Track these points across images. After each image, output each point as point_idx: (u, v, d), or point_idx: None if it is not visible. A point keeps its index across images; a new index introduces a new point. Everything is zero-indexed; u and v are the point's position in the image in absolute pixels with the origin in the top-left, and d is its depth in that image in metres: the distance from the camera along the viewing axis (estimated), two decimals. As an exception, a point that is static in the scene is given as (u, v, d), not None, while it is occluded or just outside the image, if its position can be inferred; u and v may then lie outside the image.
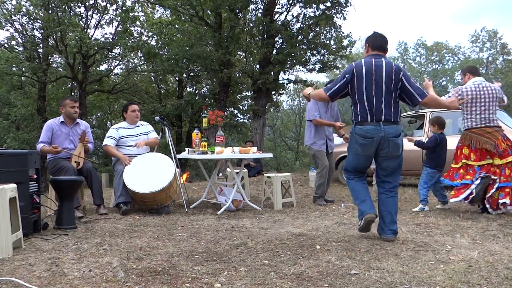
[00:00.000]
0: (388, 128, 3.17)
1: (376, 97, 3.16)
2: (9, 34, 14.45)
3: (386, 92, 3.16)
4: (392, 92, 3.19)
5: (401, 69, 3.26)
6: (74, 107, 4.77)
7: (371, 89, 3.17)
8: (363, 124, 3.21)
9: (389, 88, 3.17)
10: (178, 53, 13.27)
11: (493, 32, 29.90)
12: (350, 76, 3.22)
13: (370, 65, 3.19)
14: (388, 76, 3.16)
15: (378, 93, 3.16)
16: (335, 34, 13.35)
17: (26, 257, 2.82)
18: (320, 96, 3.51)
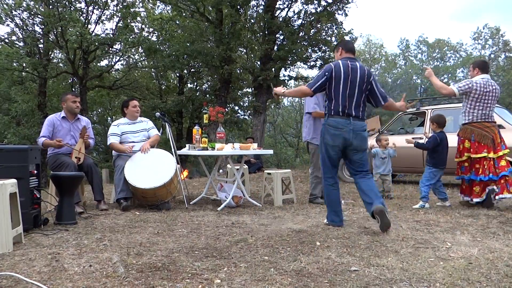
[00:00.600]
0: (357, 123, 3.61)
1: (350, 95, 3.58)
2: (9, 29, 14.50)
3: (358, 92, 3.60)
4: (363, 92, 3.64)
5: (371, 73, 3.71)
6: (76, 102, 4.77)
7: (346, 88, 3.57)
8: (335, 117, 3.60)
9: (361, 89, 3.61)
10: (179, 49, 13.26)
11: (495, 29, 29.83)
12: (330, 74, 3.59)
13: (347, 67, 3.59)
14: (362, 78, 3.60)
15: (352, 92, 3.58)
16: (337, 30, 13.33)
17: (27, 252, 2.82)
18: (303, 92, 3.79)
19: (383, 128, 7.77)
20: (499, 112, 6.34)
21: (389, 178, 5.69)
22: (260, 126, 13.08)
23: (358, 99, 3.61)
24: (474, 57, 29.92)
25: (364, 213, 4.44)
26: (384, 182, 5.67)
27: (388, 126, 7.90)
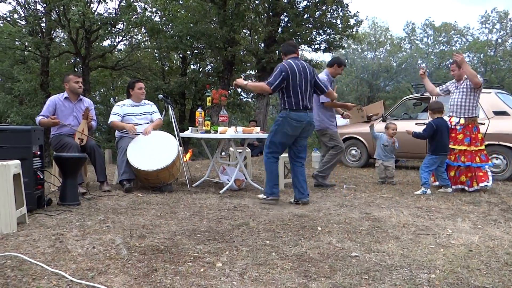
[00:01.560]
0: (311, 114, 4.11)
1: (305, 90, 4.05)
2: (11, 8, 14.31)
3: (310, 87, 4.09)
4: (312, 87, 4.15)
5: (314, 69, 4.24)
6: (78, 82, 4.75)
7: (301, 84, 4.02)
8: (297, 111, 4.00)
9: (311, 83, 4.11)
10: (182, 29, 13.13)
11: (503, 13, 29.31)
12: (286, 74, 3.98)
13: (298, 66, 4.05)
14: (310, 74, 4.10)
15: (305, 88, 4.05)
16: (342, 13, 13.13)
17: (30, 232, 2.85)
18: (263, 89, 4.14)
19: (386, 113, 7.73)
20: (504, 98, 6.30)
21: (392, 165, 5.67)
22: (263, 109, 13.03)
23: (310, 93, 4.12)
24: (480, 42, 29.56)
25: (366, 199, 4.46)
26: (386, 169, 5.64)
27: (392, 111, 7.86)
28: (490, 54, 29.33)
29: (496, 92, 6.32)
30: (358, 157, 7.78)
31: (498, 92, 6.41)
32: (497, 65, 28.25)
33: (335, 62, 5.28)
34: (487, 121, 6.07)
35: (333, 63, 5.28)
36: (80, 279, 2.04)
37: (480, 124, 6.06)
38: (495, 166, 5.97)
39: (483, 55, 29.40)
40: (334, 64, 5.26)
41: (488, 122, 6.06)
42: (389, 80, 30.27)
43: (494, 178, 5.86)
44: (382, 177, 5.68)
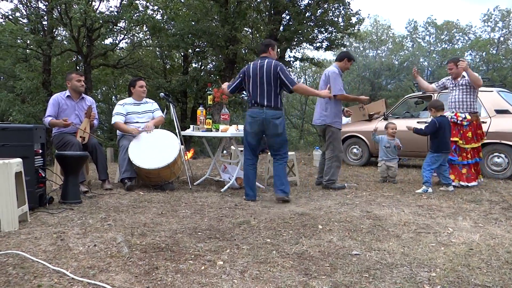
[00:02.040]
0: (268, 111, 4.12)
1: (259, 88, 4.16)
2: (13, 6, 14.31)
3: (267, 85, 4.14)
4: (271, 84, 4.14)
5: (278, 65, 4.18)
6: (81, 81, 4.76)
7: (256, 83, 4.17)
8: (252, 108, 4.20)
9: (270, 81, 4.13)
10: (183, 28, 13.12)
11: (506, 12, 29.21)
12: (242, 75, 4.29)
13: (256, 66, 4.21)
14: (268, 72, 4.13)
15: (258, 85, 4.16)
16: (344, 11, 13.11)
17: (32, 230, 2.87)
18: (224, 92, 4.53)
19: (388, 112, 7.72)
20: (506, 96, 6.28)
21: (395, 165, 5.66)
22: (265, 107, 13.02)
23: (268, 91, 4.13)
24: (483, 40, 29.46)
25: (367, 197, 4.46)
26: (389, 168, 5.64)
27: (394, 109, 7.85)
28: (492, 52, 29.23)
29: (498, 91, 6.31)
30: (359, 155, 7.78)
31: (500, 90, 6.39)
32: (499, 64, 28.17)
33: (345, 56, 5.18)
34: (488, 120, 6.06)
35: (343, 57, 5.17)
36: (82, 277, 2.05)
37: (482, 122, 6.07)
38: (496, 165, 5.97)
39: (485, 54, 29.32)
40: (344, 58, 5.15)
41: (490, 120, 6.05)
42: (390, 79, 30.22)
43: (496, 177, 5.88)
44: (384, 176, 5.68)
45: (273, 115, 4.13)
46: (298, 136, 28.04)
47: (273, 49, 4.38)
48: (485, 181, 5.56)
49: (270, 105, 4.14)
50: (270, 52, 4.32)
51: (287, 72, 4.18)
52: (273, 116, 4.13)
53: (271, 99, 4.14)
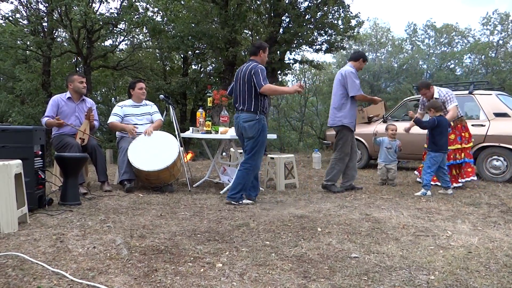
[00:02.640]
0: (241, 115, 4.17)
1: (238, 92, 4.24)
2: (13, 7, 14.31)
3: (242, 88, 4.18)
4: (246, 87, 4.15)
5: (253, 67, 4.14)
6: (83, 82, 4.78)
7: (237, 86, 4.26)
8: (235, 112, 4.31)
9: (245, 84, 4.16)
10: (183, 30, 13.13)
11: (505, 15, 29.24)
12: (234, 79, 4.38)
13: (240, 69, 4.29)
14: (244, 75, 4.18)
15: (238, 89, 4.23)
16: (343, 14, 13.12)
17: (32, 232, 2.87)
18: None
19: (387, 114, 7.73)
20: (505, 100, 6.29)
21: (394, 167, 5.67)
22: (264, 109, 13.02)
23: (243, 94, 4.18)
24: (482, 43, 29.50)
25: (366, 200, 4.46)
26: (388, 171, 5.65)
27: (393, 112, 7.86)
28: (491, 55, 29.26)
29: (497, 94, 6.33)
30: (358, 158, 7.78)
31: (499, 93, 6.41)
32: (498, 67, 28.20)
33: (361, 56, 5.13)
34: (487, 123, 6.07)
35: (359, 57, 5.11)
36: (81, 278, 2.06)
37: (481, 125, 6.08)
38: (495, 168, 5.98)
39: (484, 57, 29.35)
40: (360, 58, 5.10)
41: (488, 123, 6.07)
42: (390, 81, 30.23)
43: (495, 180, 5.89)
44: (383, 179, 5.69)
45: (243, 118, 4.15)
46: (297, 138, 28.03)
47: (264, 51, 4.31)
48: (483, 184, 5.57)
49: (243, 109, 4.17)
50: (260, 54, 4.30)
51: (260, 74, 4.09)
52: (244, 119, 4.14)
53: (245, 103, 4.16)
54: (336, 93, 5.06)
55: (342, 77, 4.97)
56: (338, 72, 5.08)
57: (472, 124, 6.21)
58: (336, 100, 5.06)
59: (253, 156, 4.15)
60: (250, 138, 4.13)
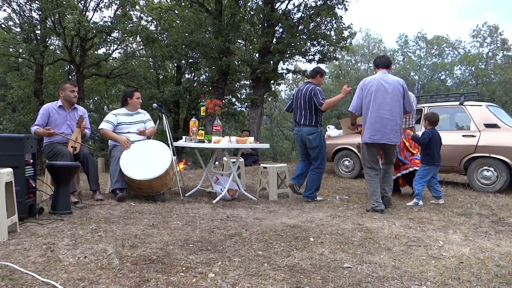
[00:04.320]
0: (303, 129, 4.93)
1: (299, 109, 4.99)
2: (6, 15, 14.29)
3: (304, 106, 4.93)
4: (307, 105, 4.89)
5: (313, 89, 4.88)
6: (74, 92, 4.75)
7: (297, 104, 5.02)
8: (295, 126, 5.13)
9: (306, 103, 4.91)
10: (177, 39, 13.17)
11: (494, 27, 29.79)
12: (292, 96, 5.13)
13: (300, 89, 5.06)
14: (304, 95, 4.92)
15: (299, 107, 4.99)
16: (336, 25, 13.25)
17: (21, 241, 2.83)
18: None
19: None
20: (495, 111, 6.38)
21: None
22: (257, 119, 13.06)
23: (305, 112, 4.91)
24: (472, 55, 29.94)
25: (358, 210, 4.48)
26: None
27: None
28: (481, 67, 29.72)
29: (487, 105, 6.41)
30: (351, 168, 7.81)
31: (489, 105, 6.49)
32: (488, 78, 28.61)
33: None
34: (478, 133, 6.14)
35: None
36: (71, 289, 2.03)
37: (471, 136, 6.16)
38: (486, 178, 6.03)
39: (474, 68, 29.80)
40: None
41: (479, 134, 6.14)
42: (382, 92, 30.47)
43: (485, 190, 5.94)
44: None
45: (307, 131, 4.89)
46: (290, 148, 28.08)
47: (321, 76, 5.06)
48: (474, 194, 5.62)
49: (305, 123, 4.91)
50: (317, 78, 5.04)
51: (318, 95, 4.82)
52: (307, 133, 4.89)
53: (306, 118, 4.90)
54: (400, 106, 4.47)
55: (404, 89, 4.51)
56: (396, 81, 4.51)
57: (463, 135, 6.28)
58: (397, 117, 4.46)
59: (322, 161, 4.97)
60: (315, 147, 4.89)
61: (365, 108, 4.52)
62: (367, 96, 4.48)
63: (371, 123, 4.44)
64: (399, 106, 4.46)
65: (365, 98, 4.51)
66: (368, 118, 4.47)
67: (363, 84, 4.59)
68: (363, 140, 4.59)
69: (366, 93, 4.50)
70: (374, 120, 4.43)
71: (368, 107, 4.48)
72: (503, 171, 5.88)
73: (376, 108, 4.43)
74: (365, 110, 4.53)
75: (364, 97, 4.52)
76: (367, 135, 4.50)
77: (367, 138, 4.50)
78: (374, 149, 4.58)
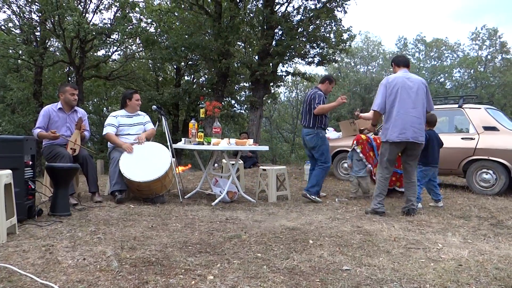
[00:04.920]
0: (304, 129, 5.28)
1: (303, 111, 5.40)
2: (6, 16, 14.31)
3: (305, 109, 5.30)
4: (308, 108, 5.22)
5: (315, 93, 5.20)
6: (74, 95, 4.75)
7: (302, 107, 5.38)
8: None
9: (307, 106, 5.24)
10: (177, 41, 13.17)
11: (493, 30, 29.84)
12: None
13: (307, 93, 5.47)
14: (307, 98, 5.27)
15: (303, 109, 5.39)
16: (335, 27, 13.29)
17: (20, 243, 2.83)
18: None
19: (378, 127, 7.79)
20: (493, 114, 6.39)
21: (367, 180, 5.64)
22: (256, 121, 13.07)
23: (305, 113, 5.26)
24: (471, 58, 30.00)
25: (358, 212, 4.48)
26: (360, 183, 5.62)
27: (384, 125, 7.93)
28: (480, 70, 29.77)
29: (486, 108, 6.42)
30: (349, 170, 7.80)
31: (488, 107, 6.50)
32: (487, 81, 28.66)
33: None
34: (477, 136, 6.15)
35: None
36: (70, 291, 2.03)
37: (470, 139, 6.16)
38: (485, 181, 6.04)
39: (473, 71, 29.84)
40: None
41: (478, 137, 6.14)
42: (381, 94, 30.50)
43: (484, 193, 5.95)
44: (354, 191, 5.66)
45: (305, 132, 5.23)
46: (289, 150, 28.09)
47: (330, 83, 5.35)
48: (473, 197, 5.63)
49: (304, 125, 5.25)
50: (326, 84, 5.35)
51: (316, 99, 5.11)
52: (305, 133, 5.23)
53: (305, 120, 5.24)
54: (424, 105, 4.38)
55: (426, 89, 4.43)
56: (419, 80, 4.41)
57: (462, 138, 6.29)
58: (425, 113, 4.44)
59: (326, 159, 5.17)
60: (313, 148, 5.18)
61: (389, 106, 4.33)
62: (391, 94, 4.30)
63: (399, 121, 4.25)
64: (423, 105, 4.34)
65: (388, 96, 4.32)
66: (394, 116, 4.28)
67: (386, 82, 4.37)
68: (388, 138, 4.32)
69: (390, 91, 4.31)
70: (402, 118, 4.25)
71: (393, 105, 4.29)
72: (502, 174, 5.89)
73: (402, 106, 4.26)
74: (389, 108, 4.33)
75: (388, 95, 4.33)
76: (394, 133, 4.27)
77: (394, 137, 4.26)
78: (398, 149, 4.38)
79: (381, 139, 4.47)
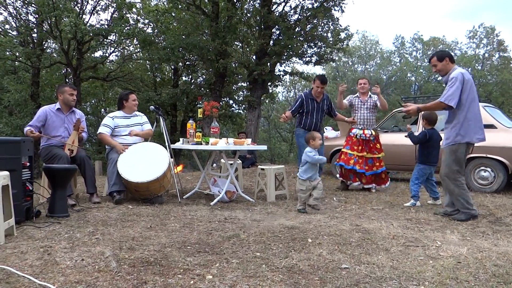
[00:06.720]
0: None
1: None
2: (2, 18, 14.29)
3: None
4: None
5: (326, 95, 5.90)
6: (73, 95, 4.75)
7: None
8: None
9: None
10: (174, 41, 13.16)
11: (490, 29, 29.91)
12: None
13: None
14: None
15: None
16: (333, 26, 13.31)
17: (18, 245, 2.82)
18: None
19: (376, 126, 7.80)
20: (491, 111, 6.40)
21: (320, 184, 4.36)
22: (255, 121, 13.07)
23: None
24: (468, 56, 30.05)
25: (356, 211, 4.48)
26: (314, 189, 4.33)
27: (382, 123, 7.93)
28: (478, 68, 29.83)
29: (484, 106, 6.43)
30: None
31: (485, 105, 6.51)
32: (485, 79, 28.72)
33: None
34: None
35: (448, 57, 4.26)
36: (69, 292, 2.02)
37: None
38: (483, 179, 6.05)
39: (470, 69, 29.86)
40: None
41: (476, 135, 6.13)
42: (379, 93, 30.55)
43: (483, 191, 5.95)
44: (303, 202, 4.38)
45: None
46: (287, 150, 28.10)
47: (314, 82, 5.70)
48: (471, 194, 5.62)
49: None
50: (313, 83, 5.75)
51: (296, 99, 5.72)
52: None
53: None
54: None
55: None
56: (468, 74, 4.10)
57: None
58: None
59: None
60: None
61: (468, 103, 3.96)
62: (468, 91, 3.96)
63: (476, 122, 3.99)
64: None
65: (464, 93, 3.95)
66: (473, 115, 3.97)
67: (462, 77, 3.96)
68: (463, 139, 3.96)
69: (466, 87, 3.96)
70: (478, 118, 4.01)
71: (472, 103, 3.98)
72: (500, 171, 5.90)
73: (477, 105, 4.01)
74: (468, 106, 3.96)
75: (464, 91, 3.96)
76: (473, 134, 3.96)
77: (473, 138, 3.97)
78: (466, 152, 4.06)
79: (454, 141, 4.01)
